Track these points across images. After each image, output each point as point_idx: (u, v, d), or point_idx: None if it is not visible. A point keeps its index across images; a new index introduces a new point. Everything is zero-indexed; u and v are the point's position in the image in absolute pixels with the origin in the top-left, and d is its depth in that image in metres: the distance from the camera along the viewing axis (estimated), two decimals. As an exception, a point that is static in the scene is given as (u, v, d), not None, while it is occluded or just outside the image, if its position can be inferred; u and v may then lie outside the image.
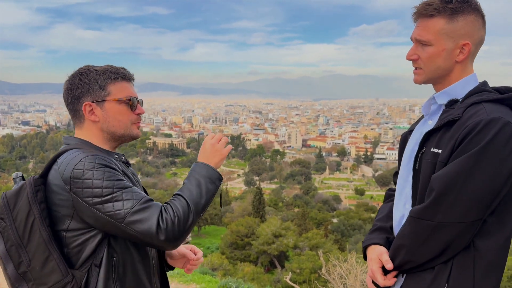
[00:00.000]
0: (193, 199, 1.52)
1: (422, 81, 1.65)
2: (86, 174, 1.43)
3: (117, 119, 1.63)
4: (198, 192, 1.54)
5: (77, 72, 1.62)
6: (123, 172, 1.57)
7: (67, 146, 1.59)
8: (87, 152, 1.51)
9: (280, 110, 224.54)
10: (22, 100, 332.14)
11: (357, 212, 45.97)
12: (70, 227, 1.48)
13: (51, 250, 1.44)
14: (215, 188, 1.60)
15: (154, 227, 1.41)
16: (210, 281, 6.40)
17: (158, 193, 46.08)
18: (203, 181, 1.57)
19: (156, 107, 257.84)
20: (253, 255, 29.93)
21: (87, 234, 1.49)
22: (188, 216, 1.48)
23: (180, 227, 1.46)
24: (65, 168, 1.46)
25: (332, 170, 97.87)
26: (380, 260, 1.63)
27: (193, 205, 1.51)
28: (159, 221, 1.43)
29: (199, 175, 1.59)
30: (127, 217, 1.41)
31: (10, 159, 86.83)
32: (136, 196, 1.46)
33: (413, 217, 1.54)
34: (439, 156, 1.52)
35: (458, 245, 1.47)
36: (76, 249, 1.49)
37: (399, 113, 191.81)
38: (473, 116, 1.47)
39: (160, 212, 1.45)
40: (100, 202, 1.42)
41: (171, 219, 1.45)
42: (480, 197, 1.42)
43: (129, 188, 1.47)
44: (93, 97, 1.59)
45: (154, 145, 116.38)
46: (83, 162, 1.45)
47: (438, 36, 1.56)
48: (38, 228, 1.44)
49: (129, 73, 1.68)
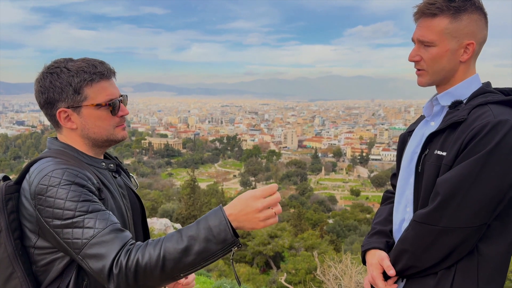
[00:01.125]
0: (173, 252, 1.18)
1: (427, 83, 1.59)
2: (49, 191, 1.26)
3: (97, 125, 1.45)
4: (184, 248, 1.18)
5: (47, 71, 1.41)
6: (103, 184, 1.42)
7: (46, 152, 1.45)
8: (59, 163, 1.34)
9: (276, 111, 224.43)
10: (17, 99, 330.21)
11: (352, 212, 46.04)
12: (37, 244, 1.33)
13: (15, 266, 1.31)
14: (220, 251, 1.19)
15: (106, 269, 1.19)
16: (205, 282, 6.40)
17: (153, 193, 45.96)
18: (204, 236, 1.18)
19: (152, 107, 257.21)
20: (248, 256, 29.90)
21: (54, 254, 1.33)
22: (153, 270, 1.18)
23: (137, 279, 1.18)
24: (32, 180, 1.31)
25: (328, 170, 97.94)
26: (381, 266, 1.58)
27: (169, 260, 1.18)
28: (113, 263, 1.19)
29: (206, 225, 1.20)
30: (83, 249, 1.22)
31: (5, 159, 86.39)
32: (100, 224, 1.24)
33: (417, 222, 1.49)
34: (444, 158, 1.47)
35: (463, 250, 1.44)
36: (43, 268, 1.35)
37: (394, 114, 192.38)
38: (479, 118, 1.43)
39: (120, 251, 1.20)
40: (59, 226, 1.25)
41: (126, 265, 1.18)
42: (487, 201, 1.39)
43: (94, 213, 1.26)
44: (67, 102, 1.40)
45: (149, 146, 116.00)
46: (48, 176, 1.28)
47: (441, 36, 1.50)
48: (3, 242, 1.31)
49: (108, 68, 1.47)
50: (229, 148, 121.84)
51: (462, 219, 1.40)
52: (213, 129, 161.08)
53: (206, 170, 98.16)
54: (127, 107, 1.57)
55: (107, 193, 1.42)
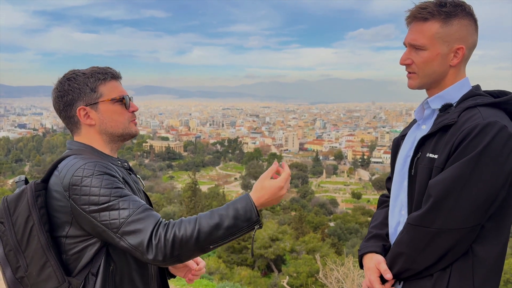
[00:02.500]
0: (206, 226, 1.37)
1: (417, 86, 1.63)
2: (84, 181, 1.40)
3: (113, 119, 1.60)
4: (216, 222, 1.37)
5: (64, 78, 1.59)
6: (123, 179, 1.54)
7: (70, 152, 1.57)
8: (87, 158, 1.49)
9: (277, 114, 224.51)
10: (19, 103, 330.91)
11: (354, 215, 45.93)
12: (69, 233, 1.46)
13: (48, 256, 1.42)
14: (242, 228, 1.39)
15: (146, 241, 1.34)
16: (207, 285, 6.38)
17: (154, 196, 45.96)
18: (233, 214, 1.39)
19: (153, 110, 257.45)
20: (250, 259, 29.84)
21: (85, 242, 1.46)
22: (188, 241, 1.35)
23: (174, 249, 1.34)
24: (65, 174, 1.44)
25: (329, 173, 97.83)
26: (378, 270, 1.60)
27: (202, 232, 1.36)
28: (152, 235, 1.34)
29: (234, 206, 1.41)
30: (121, 227, 1.36)
31: (6, 162, 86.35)
32: (133, 205, 1.39)
33: (411, 224, 1.51)
34: (436, 161, 1.49)
35: (458, 252, 1.45)
36: (74, 256, 1.47)
37: (395, 117, 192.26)
38: (469, 120, 1.46)
39: (156, 225, 1.36)
40: (97, 211, 1.38)
41: (165, 237, 1.34)
42: (479, 202, 1.41)
43: (127, 196, 1.41)
44: (85, 100, 1.57)
45: (151, 148, 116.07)
46: (82, 169, 1.42)
47: (432, 40, 1.54)
48: (36, 234, 1.42)
49: (116, 71, 1.66)
50: (230, 151, 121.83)
51: (455, 221, 1.42)
52: (214, 132, 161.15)
53: (207, 173, 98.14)
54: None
55: (128, 188, 1.54)
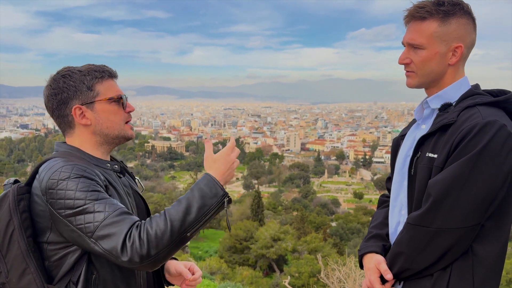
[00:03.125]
0: (176, 214, 1.33)
1: (415, 85, 1.63)
2: (59, 185, 1.35)
3: (109, 120, 1.54)
4: (186, 206, 1.34)
5: (58, 75, 1.52)
6: (108, 183, 1.48)
7: (55, 154, 1.53)
8: (67, 161, 1.42)
9: (278, 114, 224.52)
10: (21, 103, 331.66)
11: (355, 215, 45.89)
12: (50, 239, 1.41)
13: (28, 262, 1.37)
14: (212, 204, 1.37)
15: (119, 245, 1.28)
16: (209, 285, 6.39)
17: (156, 196, 45.98)
18: (199, 194, 1.36)
19: (155, 111, 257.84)
20: (251, 259, 29.85)
21: (66, 249, 1.40)
22: (163, 235, 1.29)
23: (151, 245, 1.28)
24: (43, 178, 1.39)
25: (331, 173, 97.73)
26: (378, 270, 1.59)
27: (175, 221, 1.31)
28: (126, 238, 1.28)
29: (198, 187, 1.39)
30: (96, 231, 1.30)
31: (9, 162, 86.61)
32: (109, 208, 1.33)
33: (410, 224, 1.51)
34: (435, 160, 1.49)
35: (457, 251, 1.45)
36: (56, 263, 1.42)
37: (397, 117, 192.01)
38: (468, 119, 1.46)
39: (131, 228, 1.31)
40: (72, 214, 1.33)
41: (140, 237, 1.28)
42: (478, 201, 1.40)
43: (103, 199, 1.35)
44: (81, 99, 1.50)
45: (152, 149, 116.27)
46: (58, 171, 1.37)
47: (431, 40, 1.54)
48: (16, 239, 1.38)
49: (113, 70, 1.60)
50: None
51: (455, 220, 1.42)
52: (216, 132, 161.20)
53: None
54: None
55: (113, 191, 1.49)
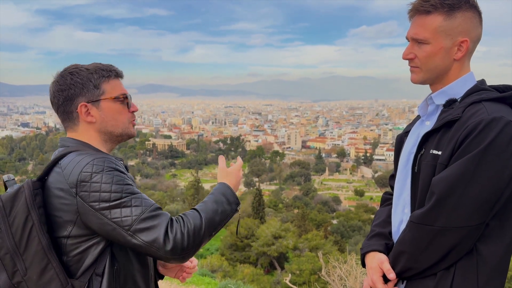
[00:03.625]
0: (207, 213, 1.45)
1: (420, 80, 1.59)
2: (94, 177, 1.35)
3: (114, 118, 1.56)
4: (214, 209, 1.47)
5: (66, 72, 1.53)
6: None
7: (67, 149, 1.50)
8: (93, 154, 1.43)
9: (279, 112, 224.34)
10: (22, 102, 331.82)
11: (356, 213, 45.90)
12: (72, 233, 1.39)
13: (50, 258, 1.36)
14: (230, 210, 1.52)
15: (161, 237, 1.33)
16: (210, 283, 6.38)
17: (157, 194, 46.04)
18: (221, 199, 1.52)
19: (156, 109, 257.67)
20: (252, 257, 29.88)
21: (89, 241, 1.40)
22: (200, 229, 1.40)
23: (190, 239, 1.37)
24: (71, 171, 1.38)
25: (332, 171, 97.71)
26: (380, 269, 1.57)
27: (207, 220, 1.43)
28: (168, 230, 1.35)
29: (219, 192, 1.55)
30: (134, 225, 1.33)
31: (10, 160, 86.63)
32: (145, 203, 1.38)
33: (413, 222, 1.49)
34: (439, 158, 1.46)
35: (461, 251, 1.42)
36: (77, 258, 1.41)
37: (398, 114, 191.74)
38: (473, 115, 1.42)
39: (170, 221, 1.38)
40: (107, 208, 1.34)
41: (181, 230, 1.36)
42: (483, 199, 1.37)
43: (138, 194, 1.40)
44: (87, 97, 1.52)
45: (153, 147, 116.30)
46: (91, 164, 1.37)
47: (435, 34, 1.50)
48: (37, 235, 1.35)
49: (119, 70, 1.62)
50: (233, 149, 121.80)
51: (459, 219, 1.39)
52: (217, 130, 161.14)
53: (210, 171, 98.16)
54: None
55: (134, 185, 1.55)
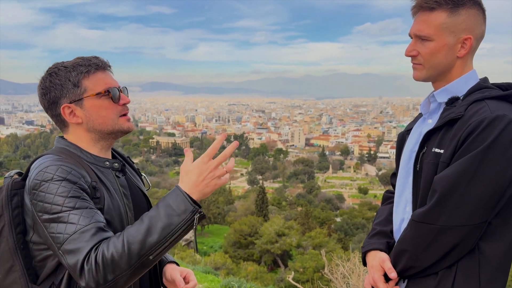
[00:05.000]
0: (136, 235, 1.22)
1: (422, 77, 1.58)
2: (41, 186, 1.30)
3: (101, 116, 1.47)
4: (147, 228, 1.23)
5: (46, 74, 1.47)
6: (99, 181, 1.41)
7: (50, 150, 1.48)
8: (54, 160, 1.37)
9: (283, 109, 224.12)
10: (26, 99, 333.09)
11: (360, 211, 45.86)
12: (33, 239, 1.37)
13: (15, 260, 1.34)
14: (183, 222, 1.25)
15: (79, 265, 1.21)
16: (213, 281, 6.40)
17: (161, 192, 46.20)
18: (164, 212, 1.25)
19: (159, 107, 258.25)
20: (256, 254, 29.91)
21: (47, 251, 1.35)
22: (120, 258, 1.20)
23: (108, 273, 1.20)
24: (31, 176, 1.35)
25: (336, 169, 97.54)
26: (382, 268, 1.56)
27: (134, 243, 1.21)
28: (85, 258, 1.21)
29: (164, 203, 1.28)
30: (64, 244, 1.24)
31: (14, 158, 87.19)
32: (83, 221, 1.25)
33: (415, 221, 1.47)
34: (441, 156, 1.46)
35: (463, 249, 1.41)
36: (40, 264, 1.38)
37: (402, 112, 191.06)
38: (476, 114, 1.42)
39: (94, 247, 1.22)
40: (47, 220, 1.28)
41: (96, 261, 1.20)
42: (485, 198, 1.36)
43: (80, 209, 1.27)
44: (69, 97, 1.44)
45: (157, 144, 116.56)
46: (42, 172, 1.32)
47: (439, 31, 1.49)
48: (5, 235, 1.35)
49: (103, 61, 1.51)
50: (236, 148, 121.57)
51: (461, 217, 1.38)
52: (220, 128, 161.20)
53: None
54: (132, 103, 1.63)
55: (105, 192, 1.42)
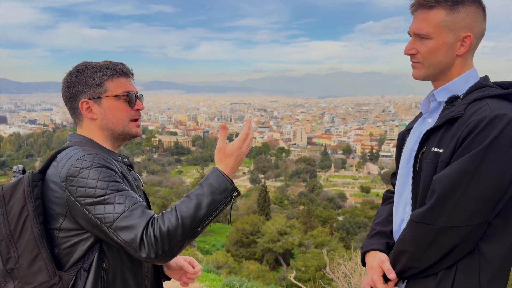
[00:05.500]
0: (187, 210, 1.36)
1: (422, 76, 1.57)
2: (82, 173, 1.38)
3: (115, 116, 1.58)
4: (196, 204, 1.37)
5: (74, 70, 1.59)
6: (122, 174, 1.51)
7: (70, 143, 1.56)
8: (87, 150, 1.47)
9: (285, 108, 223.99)
10: (29, 99, 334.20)
11: (362, 209, 45.80)
12: (63, 226, 1.43)
13: (40, 248, 1.39)
14: (222, 200, 1.41)
15: (138, 238, 1.32)
16: (214, 280, 6.40)
17: (163, 191, 46.22)
18: (209, 190, 1.40)
19: (162, 106, 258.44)
20: (258, 253, 29.94)
21: (79, 236, 1.43)
22: (175, 231, 1.33)
23: (164, 244, 1.32)
24: (63, 165, 1.42)
25: (338, 167, 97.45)
26: (381, 268, 1.55)
27: (185, 218, 1.35)
28: (144, 232, 1.32)
29: (207, 182, 1.43)
30: (115, 222, 1.34)
31: (17, 157, 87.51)
32: (130, 200, 1.37)
33: (414, 221, 1.46)
34: (441, 156, 1.44)
35: (463, 250, 1.40)
36: (67, 251, 1.44)
37: (405, 110, 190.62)
38: (476, 113, 1.40)
39: (149, 222, 1.34)
40: (92, 203, 1.36)
41: (154, 234, 1.32)
42: (485, 198, 1.35)
43: (124, 191, 1.39)
44: (90, 94, 1.56)
45: (159, 143, 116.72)
46: (81, 160, 1.40)
47: (438, 29, 1.48)
48: (30, 225, 1.39)
49: (128, 68, 1.64)
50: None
51: (460, 218, 1.37)
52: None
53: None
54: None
55: (127, 183, 1.52)
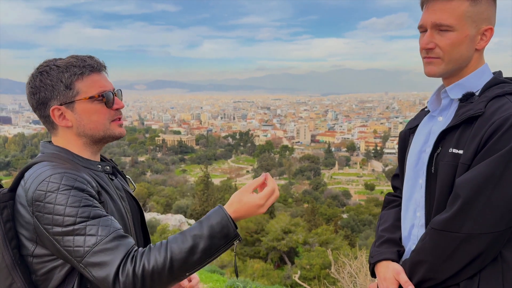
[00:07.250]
0: (179, 252, 1.20)
1: (440, 72, 1.44)
2: (48, 197, 1.22)
3: (92, 120, 1.40)
4: (190, 247, 1.21)
5: (36, 72, 1.38)
6: (100, 188, 1.36)
7: (40, 157, 1.39)
8: (55, 167, 1.29)
9: (288, 106, 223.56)
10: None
11: (367, 207, 45.62)
12: (35, 253, 1.29)
13: (14, 277, 1.27)
14: (223, 245, 1.25)
15: (111, 277, 1.16)
16: (218, 280, 6.33)
17: (167, 189, 46.26)
18: (208, 233, 1.23)
19: (165, 105, 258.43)
20: (262, 252, 29.89)
21: (54, 262, 1.28)
22: (160, 273, 1.18)
23: (146, 285, 1.18)
24: (29, 187, 1.26)
25: (342, 165, 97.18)
26: (396, 280, 1.45)
27: (176, 260, 1.19)
28: (119, 270, 1.17)
29: (208, 223, 1.25)
30: (85, 257, 1.19)
31: (22, 157, 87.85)
32: (103, 231, 1.21)
33: (435, 229, 1.36)
34: (461, 157, 1.35)
35: (487, 258, 1.32)
36: (44, 277, 1.30)
37: (409, 107, 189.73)
38: (498, 111, 1.32)
39: (125, 258, 1.19)
40: (60, 233, 1.21)
41: (135, 272, 1.17)
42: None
43: (97, 218, 1.22)
44: (60, 99, 1.36)
45: (163, 142, 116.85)
46: (46, 182, 1.23)
47: (461, 20, 1.36)
48: (1, 252, 1.27)
49: (98, 61, 1.43)
50: (242, 144, 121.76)
51: (486, 224, 1.28)
52: (226, 125, 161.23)
53: (219, 166, 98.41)
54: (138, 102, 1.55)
55: (106, 196, 1.38)
